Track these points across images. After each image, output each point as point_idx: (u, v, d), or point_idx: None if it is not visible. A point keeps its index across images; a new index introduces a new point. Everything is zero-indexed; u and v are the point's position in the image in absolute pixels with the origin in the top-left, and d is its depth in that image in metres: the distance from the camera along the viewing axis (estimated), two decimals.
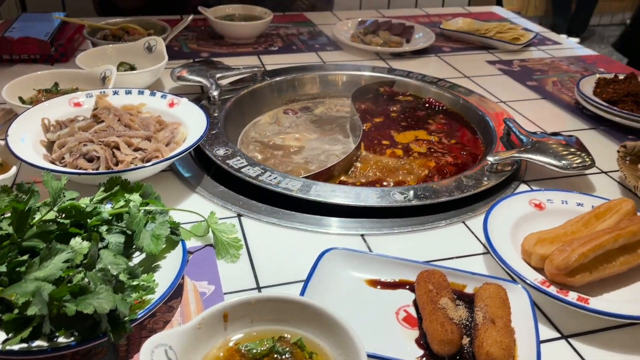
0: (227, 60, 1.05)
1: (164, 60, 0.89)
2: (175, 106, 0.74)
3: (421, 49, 1.13)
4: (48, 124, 0.66)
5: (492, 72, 1.06)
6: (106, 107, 0.68)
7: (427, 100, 0.94)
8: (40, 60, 0.97)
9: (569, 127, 0.86)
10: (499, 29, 1.19)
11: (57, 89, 0.80)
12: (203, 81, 0.88)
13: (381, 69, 1.02)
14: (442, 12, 1.44)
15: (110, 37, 1.01)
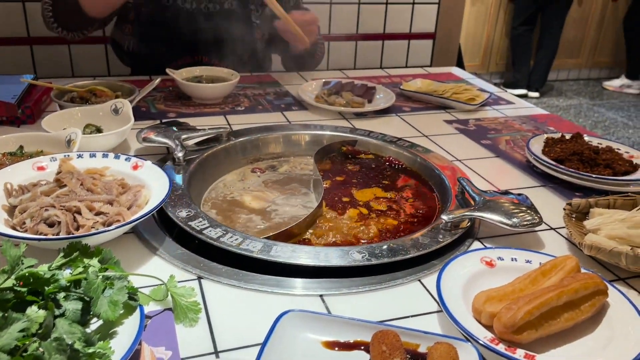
0: (194, 120, 1.08)
1: (130, 123, 0.91)
2: (139, 169, 0.76)
3: (382, 109, 1.18)
4: (10, 188, 0.67)
5: (449, 131, 1.11)
6: (69, 171, 0.69)
7: (387, 158, 0.98)
8: (6, 122, 0.98)
9: (521, 185, 0.90)
10: (455, 89, 1.25)
11: (21, 152, 0.81)
12: (169, 142, 0.90)
13: (344, 128, 1.06)
14: (403, 73, 1.51)
15: (78, 100, 1.03)
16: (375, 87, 1.28)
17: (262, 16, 1.38)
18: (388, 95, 1.24)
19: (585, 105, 4.12)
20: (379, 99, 1.24)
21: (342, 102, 1.19)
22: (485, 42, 4.29)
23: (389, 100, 1.20)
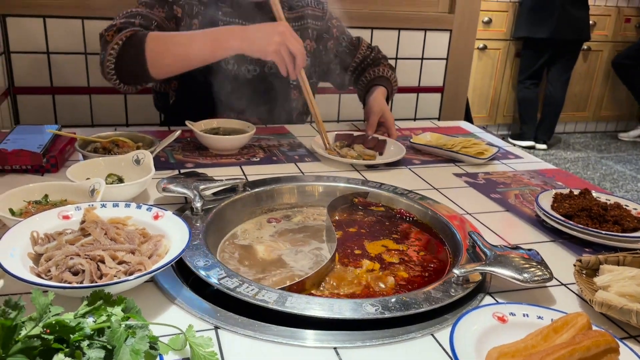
0: (211, 170, 1.11)
1: (151, 173, 0.95)
2: (160, 218, 0.78)
3: (393, 162, 1.21)
4: (37, 236, 0.70)
5: (458, 185, 1.13)
6: (94, 221, 0.72)
7: (399, 211, 1.00)
8: (31, 171, 1.02)
9: (531, 239, 0.91)
10: (464, 143, 1.28)
11: (46, 201, 0.84)
12: (187, 193, 0.93)
13: (356, 180, 1.08)
14: (413, 126, 1.55)
15: (101, 150, 1.07)
16: (386, 140, 1.31)
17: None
18: (399, 148, 1.27)
19: (593, 158, 4.15)
20: (390, 151, 1.27)
21: (354, 154, 1.22)
22: (492, 95, 4.38)
23: (400, 152, 1.24)
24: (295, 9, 1.45)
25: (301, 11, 1.46)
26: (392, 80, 1.52)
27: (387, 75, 1.51)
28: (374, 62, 1.55)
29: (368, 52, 1.56)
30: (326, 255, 0.86)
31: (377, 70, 1.51)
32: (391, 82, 1.52)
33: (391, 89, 1.52)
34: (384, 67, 1.53)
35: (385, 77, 1.51)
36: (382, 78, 1.50)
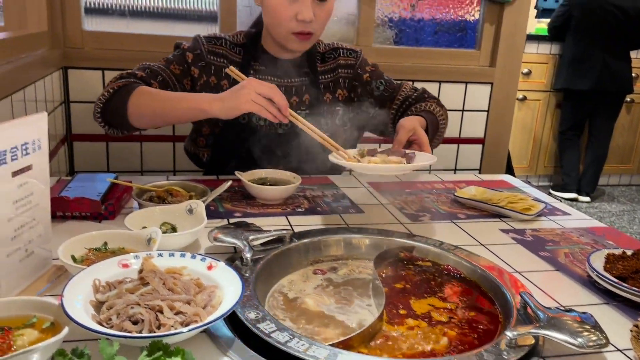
0: (258, 220, 1.14)
1: (203, 223, 0.98)
2: (213, 269, 0.81)
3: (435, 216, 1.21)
4: (98, 284, 0.73)
5: (506, 241, 1.12)
6: (152, 270, 0.75)
7: (446, 267, 0.99)
8: (90, 217, 1.06)
9: (583, 301, 0.89)
10: (510, 199, 1.28)
11: (105, 248, 0.88)
12: (237, 243, 0.95)
13: (401, 234, 1.09)
14: (457, 179, 1.55)
15: (156, 199, 1.12)
16: (415, 153, 1.19)
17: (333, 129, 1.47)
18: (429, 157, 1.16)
19: (639, 212, 4.03)
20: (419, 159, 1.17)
21: (377, 160, 1.15)
22: (533, 146, 4.34)
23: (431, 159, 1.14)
24: (328, 61, 1.49)
25: (333, 62, 1.50)
26: (437, 115, 1.39)
27: (430, 109, 1.39)
28: (418, 100, 1.47)
29: (411, 92, 1.48)
30: (374, 311, 0.86)
31: (421, 106, 1.41)
32: (436, 116, 1.39)
33: (437, 123, 1.38)
34: (430, 103, 1.42)
35: (428, 110, 1.39)
36: (424, 112, 1.38)
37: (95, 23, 1.92)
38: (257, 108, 1.12)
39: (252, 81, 1.14)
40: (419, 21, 2.28)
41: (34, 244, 0.81)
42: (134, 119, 1.25)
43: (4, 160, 0.71)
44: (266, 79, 1.43)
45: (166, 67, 1.38)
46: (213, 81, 1.42)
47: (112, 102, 1.26)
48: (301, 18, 1.29)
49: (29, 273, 0.80)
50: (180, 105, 1.19)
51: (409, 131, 1.22)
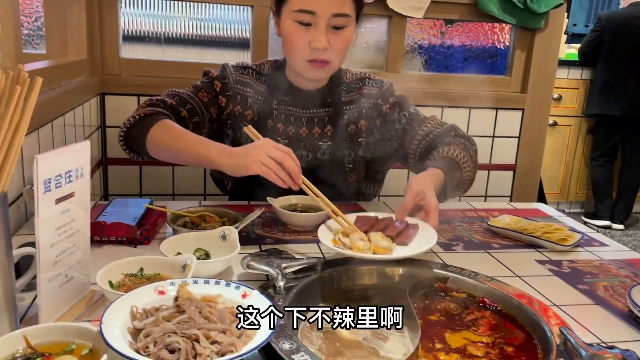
0: (289, 247, 1.14)
1: (236, 250, 0.99)
2: (247, 297, 0.81)
3: (469, 246, 1.19)
4: (135, 312, 0.73)
5: (542, 273, 1.10)
6: (188, 298, 0.75)
7: (481, 299, 0.97)
8: (126, 242, 1.08)
9: (625, 337, 0.86)
10: (545, 229, 1.25)
11: (141, 274, 0.89)
12: (270, 271, 0.95)
13: (435, 264, 1.07)
14: (489, 207, 1.53)
15: (190, 224, 1.13)
16: (418, 225, 1.10)
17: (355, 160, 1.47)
18: (429, 235, 1.06)
19: None
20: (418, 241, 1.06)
21: (361, 245, 1.01)
22: (564, 171, 4.26)
23: (428, 242, 1.04)
24: (353, 91, 1.48)
25: (358, 93, 1.48)
26: (460, 161, 1.27)
27: (453, 154, 1.28)
28: (442, 137, 1.36)
29: (436, 127, 1.39)
30: (408, 344, 0.84)
31: (443, 150, 1.30)
32: (458, 163, 1.27)
33: (459, 171, 1.27)
34: (454, 146, 1.31)
35: (450, 157, 1.27)
36: (444, 159, 1.27)
37: (132, 50, 1.97)
38: (266, 171, 1.08)
39: (266, 143, 1.11)
40: (449, 48, 2.28)
41: (74, 269, 0.82)
42: (151, 150, 1.26)
43: (49, 187, 0.73)
44: (289, 109, 1.44)
45: (194, 94, 1.40)
46: (238, 110, 1.43)
47: (135, 129, 1.28)
48: (314, 46, 1.28)
49: (68, 298, 0.82)
50: (191, 149, 1.17)
51: (417, 195, 1.13)
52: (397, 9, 2.05)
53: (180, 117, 1.34)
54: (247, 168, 1.09)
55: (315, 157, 1.45)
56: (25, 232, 1.16)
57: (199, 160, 1.18)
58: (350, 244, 1.03)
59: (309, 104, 1.44)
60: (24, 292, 0.87)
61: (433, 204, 1.12)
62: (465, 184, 1.33)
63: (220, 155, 1.13)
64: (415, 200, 1.13)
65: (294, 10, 1.28)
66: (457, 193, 1.32)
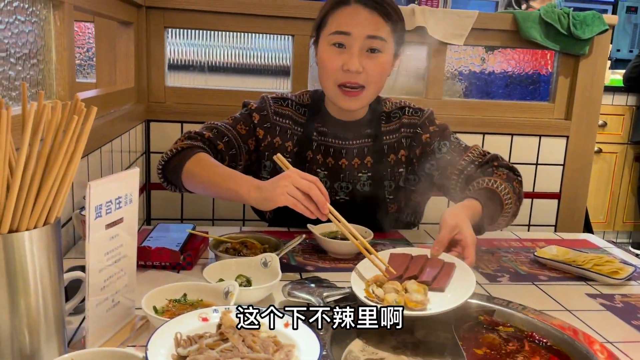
0: (330, 275, 1.13)
1: (278, 278, 0.98)
2: (290, 327, 0.80)
3: (515, 277, 1.16)
4: (179, 338, 0.73)
5: (593, 307, 1.05)
6: (231, 326, 0.75)
7: (530, 334, 0.94)
8: (169, 267, 1.09)
9: None
10: (596, 261, 1.20)
11: (185, 300, 0.90)
12: (312, 299, 0.94)
13: (480, 295, 1.04)
14: (535, 237, 1.48)
15: (232, 251, 1.14)
16: (454, 264, 1.01)
17: (396, 191, 1.45)
18: (468, 279, 0.97)
19: None
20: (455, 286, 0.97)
21: (392, 298, 0.91)
22: (610, 200, 4.12)
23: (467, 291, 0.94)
24: (393, 121, 1.46)
25: (398, 122, 1.46)
26: (500, 193, 1.22)
27: (493, 186, 1.22)
28: (484, 171, 1.31)
29: (478, 157, 1.35)
30: None
31: (483, 181, 1.25)
32: (499, 195, 1.22)
33: (500, 203, 1.21)
34: (496, 177, 1.26)
35: (490, 188, 1.22)
36: (484, 190, 1.22)
37: (177, 78, 2.03)
38: (292, 202, 1.05)
39: (292, 173, 1.08)
40: (490, 74, 2.26)
41: (120, 294, 0.83)
42: (186, 183, 1.28)
43: (100, 213, 0.75)
44: (328, 141, 1.44)
45: (232, 127, 1.41)
46: (278, 142, 1.44)
47: (172, 162, 1.30)
48: (347, 68, 1.28)
49: (113, 323, 0.83)
50: (223, 184, 1.17)
51: (452, 229, 1.07)
52: (438, 36, 2.05)
53: (217, 150, 1.36)
54: (274, 200, 1.07)
55: (355, 189, 1.44)
56: (72, 255, 1.19)
57: (230, 195, 1.17)
58: (382, 297, 0.92)
59: (348, 135, 1.43)
60: (71, 316, 0.89)
61: (470, 239, 1.06)
62: (507, 217, 1.27)
63: (250, 190, 1.12)
64: (451, 235, 1.07)
65: (330, 34, 1.30)
66: (497, 226, 1.27)
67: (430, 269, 1.00)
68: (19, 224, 0.65)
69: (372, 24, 1.29)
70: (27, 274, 0.66)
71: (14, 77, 1.06)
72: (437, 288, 0.97)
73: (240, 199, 1.14)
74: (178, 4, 1.89)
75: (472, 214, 1.14)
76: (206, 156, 1.28)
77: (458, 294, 0.94)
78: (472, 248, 1.05)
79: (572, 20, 2.09)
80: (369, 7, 1.29)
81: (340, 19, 1.30)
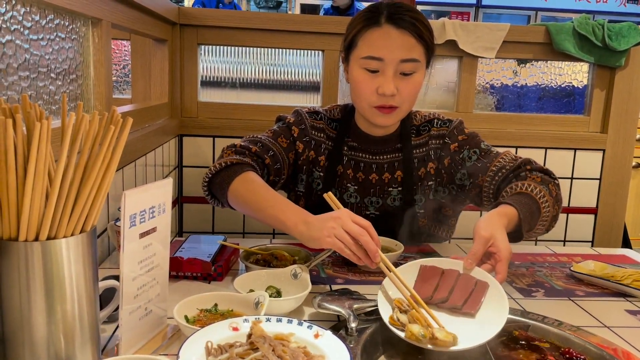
0: (360, 287, 1.12)
1: (308, 289, 0.98)
2: (320, 337, 0.80)
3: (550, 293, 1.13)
4: (210, 347, 0.74)
5: (633, 324, 1.02)
6: (261, 336, 0.75)
7: (567, 350, 0.91)
8: (200, 278, 1.10)
9: None
10: (635, 276, 1.16)
11: (216, 310, 0.90)
12: (342, 311, 0.94)
13: (514, 310, 1.02)
14: (571, 252, 1.44)
15: (262, 262, 1.14)
16: (488, 284, 0.94)
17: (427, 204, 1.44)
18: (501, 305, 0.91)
19: None
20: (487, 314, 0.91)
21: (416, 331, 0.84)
22: None
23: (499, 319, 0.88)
24: (422, 134, 1.44)
25: (427, 135, 1.43)
26: (536, 197, 1.16)
27: (528, 190, 1.17)
28: (516, 172, 1.27)
29: (509, 162, 1.30)
30: None
31: (517, 186, 1.19)
32: (535, 198, 1.16)
33: (537, 208, 1.15)
34: (530, 180, 1.21)
35: (525, 192, 1.17)
36: (518, 195, 1.16)
37: (209, 94, 2.07)
38: (340, 247, 1.00)
39: (344, 215, 1.02)
40: (522, 87, 2.23)
41: (152, 303, 0.84)
42: (232, 202, 1.25)
43: (134, 222, 0.76)
44: (358, 155, 1.43)
45: (274, 140, 1.40)
46: (312, 155, 1.44)
47: (219, 176, 1.26)
48: (381, 92, 1.26)
49: (146, 331, 0.84)
50: (269, 211, 1.13)
51: (487, 241, 1.01)
52: (468, 49, 2.04)
53: (265, 164, 1.34)
54: (320, 241, 1.02)
55: (385, 203, 1.43)
56: (107, 265, 1.21)
57: (275, 224, 1.14)
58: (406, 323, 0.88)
59: (379, 149, 1.42)
60: (104, 324, 0.90)
61: (504, 252, 1.00)
62: (546, 221, 1.19)
63: (297, 224, 1.07)
64: (485, 247, 1.01)
65: (362, 57, 1.28)
66: (537, 233, 1.20)
67: (460, 291, 0.95)
68: (57, 231, 0.67)
69: (405, 46, 1.26)
70: (64, 281, 0.68)
71: (54, 91, 1.10)
72: (467, 312, 0.93)
73: (286, 229, 1.10)
74: (211, 22, 1.94)
75: (508, 222, 1.08)
76: (255, 176, 1.25)
77: (489, 322, 0.89)
78: (506, 263, 1.00)
79: (607, 32, 2.05)
80: (401, 28, 1.26)
81: (371, 42, 1.28)
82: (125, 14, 1.38)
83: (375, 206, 1.43)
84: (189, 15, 1.92)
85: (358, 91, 1.32)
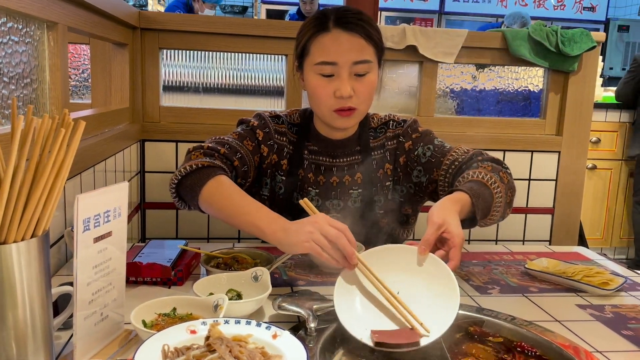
0: (322, 289, 1.13)
1: (268, 291, 0.99)
2: (278, 338, 0.80)
3: (505, 289, 1.16)
4: (167, 350, 0.74)
5: (583, 318, 1.06)
6: (219, 337, 0.75)
7: (519, 344, 0.94)
8: (160, 283, 1.10)
9: None
10: (586, 272, 1.21)
11: (174, 314, 0.90)
12: (302, 312, 0.95)
13: (469, 307, 1.05)
14: (527, 251, 1.49)
15: (223, 265, 1.14)
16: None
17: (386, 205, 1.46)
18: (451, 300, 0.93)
19: None
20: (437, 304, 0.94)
21: None
22: (606, 217, 4.13)
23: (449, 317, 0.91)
24: (379, 136, 1.46)
25: (383, 137, 1.46)
26: (488, 183, 1.17)
27: (479, 177, 1.18)
28: (468, 163, 1.29)
29: (461, 155, 1.33)
30: None
31: (468, 174, 1.21)
32: (487, 185, 1.17)
33: (489, 195, 1.16)
34: (481, 169, 1.22)
35: (476, 180, 1.18)
36: (470, 183, 1.17)
37: (172, 99, 2.06)
38: (318, 251, 1.00)
39: (320, 219, 1.02)
40: (481, 91, 2.29)
41: (109, 308, 0.84)
42: (202, 206, 1.22)
43: (88, 227, 0.76)
44: (319, 159, 1.44)
45: (240, 142, 1.38)
46: (275, 159, 1.44)
47: (190, 179, 1.22)
48: (339, 94, 1.28)
49: (102, 336, 0.83)
50: (245, 217, 1.12)
51: (439, 227, 1.02)
52: (428, 54, 2.08)
53: (233, 167, 1.33)
54: (298, 246, 1.02)
55: (346, 205, 1.44)
56: (64, 272, 1.19)
57: (251, 230, 1.12)
58: None
59: (338, 152, 1.44)
60: (60, 331, 0.89)
61: (457, 238, 1.01)
62: (499, 206, 1.21)
63: (276, 231, 1.06)
64: (437, 233, 1.02)
65: (316, 64, 1.29)
66: (492, 220, 1.22)
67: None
68: (6, 236, 0.66)
69: (356, 48, 1.28)
70: (15, 286, 0.67)
71: (7, 95, 1.08)
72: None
73: (264, 237, 1.09)
74: (173, 26, 1.93)
75: (461, 208, 1.10)
76: (227, 180, 1.22)
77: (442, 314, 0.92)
78: (459, 249, 1.01)
79: (561, 38, 2.13)
80: (349, 31, 1.28)
81: (323, 47, 1.29)
82: (83, 18, 1.36)
83: (337, 208, 1.45)
84: (150, 19, 1.91)
85: (316, 97, 1.33)
